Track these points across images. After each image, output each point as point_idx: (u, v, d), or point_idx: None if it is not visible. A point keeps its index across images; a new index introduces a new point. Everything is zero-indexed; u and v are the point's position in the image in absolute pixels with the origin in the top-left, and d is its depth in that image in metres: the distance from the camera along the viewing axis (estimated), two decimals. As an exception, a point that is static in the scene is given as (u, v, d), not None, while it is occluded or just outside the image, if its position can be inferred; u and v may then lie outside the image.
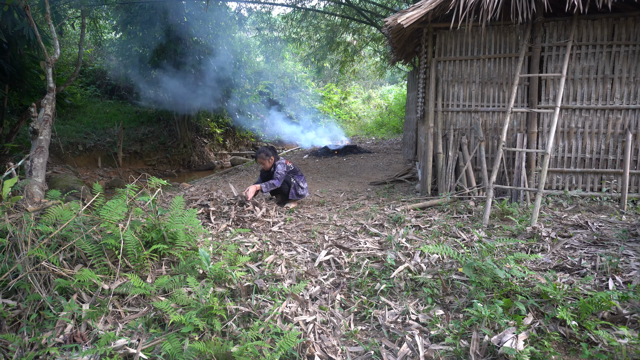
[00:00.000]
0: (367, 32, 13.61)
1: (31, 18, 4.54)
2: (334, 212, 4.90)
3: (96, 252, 2.64)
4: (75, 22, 11.65)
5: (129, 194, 3.05)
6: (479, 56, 5.20)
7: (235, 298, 2.50)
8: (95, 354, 1.91)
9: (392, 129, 16.93)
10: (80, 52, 6.73)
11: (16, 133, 8.07)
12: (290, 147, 14.74)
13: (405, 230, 3.82)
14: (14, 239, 2.45)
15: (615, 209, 4.56)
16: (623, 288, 2.53)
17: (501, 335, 1.99)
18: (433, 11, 4.81)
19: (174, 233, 2.94)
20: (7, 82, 7.06)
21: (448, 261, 3.05)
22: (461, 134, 5.37)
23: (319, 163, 10.07)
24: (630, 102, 4.89)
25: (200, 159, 12.40)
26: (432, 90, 5.33)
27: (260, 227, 4.15)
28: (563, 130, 5.08)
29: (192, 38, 10.71)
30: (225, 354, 1.91)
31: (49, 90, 4.43)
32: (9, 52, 6.72)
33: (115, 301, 2.38)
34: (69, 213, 2.74)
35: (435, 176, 5.49)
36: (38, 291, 2.25)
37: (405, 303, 2.50)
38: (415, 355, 2.01)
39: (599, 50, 4.89)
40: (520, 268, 2.62)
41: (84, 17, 7.06)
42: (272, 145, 5.31)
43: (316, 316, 2.35)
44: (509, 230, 3.84)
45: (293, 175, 5.21)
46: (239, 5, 12.44)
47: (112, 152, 10.79)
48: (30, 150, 4.08)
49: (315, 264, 3.12)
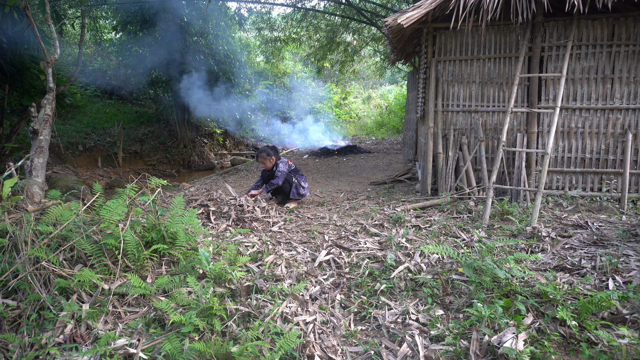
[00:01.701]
0: (367, 32, 13.61)
1: (31, 18, 4.54)
2: (334, 212, 4.90)
3: (96, 252, 2.64)
4: (75, 22, 11.64)
5: (129, 194, 3.05)
6: (479, 56, 5.20)
7: (235, 298, 2.50)
8: (95, 354, 1.91)
9: (392, 129, 16.93)
10: (80, 52, 6.72)
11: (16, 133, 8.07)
12: (290, 147, 14.74)
13: (405, 230, 3.82)
14: (14, 239, 2.45)
15: (615, 209, 4.56)
16: (623, 288, 2.53)
17: (501, 335, 1.99)
18: (433, 11, 4.81)
19: (174, 233, 2.94)
20: (7, 82, 7.06)
21: (448, 261, 3.05)
22: (461, 134, 5.37)
23: (319, 163, 10.07)
24: (630, 102, 4.89)
25: (200, 159, 12.40)
26: (432, 90, 5.33)
27: (260, 227, 4.15)
28: (563, 130, 5.08)
29: (192, 38, 10.71)
30: (225, 354, 1.91)
31: (49, 90, 4.43)
32: (9, 52, 6.72)
33: (115, 301, 2.38)
34: (69, 213, 2.74)
35: (435, 176, 5.49)
36: (38, 291, 2.25)
37: (405, 303, 2.50)
38: (415, 355, 2.01)
39: (599, 50, 4.89)
40: (520, 268, 2.62)
41: (84, 17, 7.05)
42: (273, 145, 5.30)
43: (316, 316, 2.35)
44: (509, 230, 3.84)
45: (294, 175, 5.21)
46: (239, 5, 12.45)
47: (112, 152, 10.79)
48: (30, 150, 4.08)
49: (315, 264, 3.12)
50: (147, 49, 10.48)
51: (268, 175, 5.29)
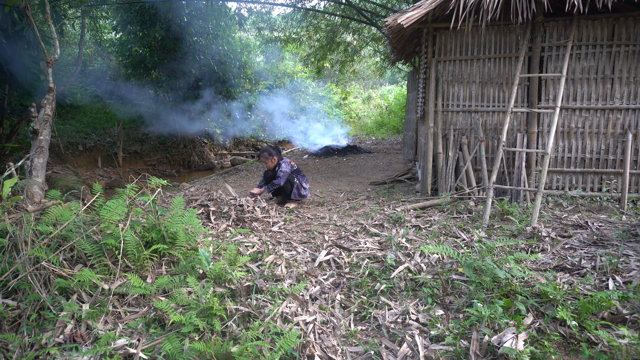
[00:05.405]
0: (367, 32, 13.61)
1: (31, 18, 4.54)
2: (334, 212, 4.90)
3: (96, 252, 2.64)
4: (75, 22, 11.64)
5: (129, 194, 3.05)
6: (479, 56, 5.20)
7: (235, 298, 2.50)
8: (95, 354, 1.91)
9: (392, 129, 16.93)
10: (80, 52, 6.73)
11: (16, 133, 8.08)
12: (290, 147, 14.74)
13: (405, 230, 3.82)
14: (14, 239, 2.45)
15: (615, 209, 4.56)
16: (623, 288, 2.53)
17: (501, 335, 1.99)
18: (433, 11, 4.81)
19: (174, 233, 2.94)
20: (7, 82, 7.06)
21: (448, 261, 3.05)
22: (461, 134, 5.37)
23: (319, 163, 10.07)
24: (630, 102, 4.89)
25: (200, 159, 12.39)
26: (432, 90, 5.33)
27: (260, 227, 4.15)
28: (563, 130, 5.08)
29: (192, 38, 10.71)
30: (225, 354, 1.91)
31: (49, 90, 4.43)
32: (9, 52, 6.72)
33: (115, 301, 2.38)
34: (69, 213, 2.74)
35: (435, 176, 5.49)
36: (38, 291, 2.25)
37: (405, 303, 2.50)
38: (415, 355, 2.01)
39: (599, 50, 4.89)
40: (520, 268, 2.62)
41: (84, 17, 7.06)
42: (275, 145, 5.30)
43: (316, 316, 2.35)
44: (509, 230, 3.84)
45: (296, 175, 5.20)
46: (239, 5, 12.44)
47: (112, 152, 10.78)
48: (30, 150, 4.08)
49: (315, 264, 3.12)
50: (147, 49, 10.48)
51: (270, 175, 5.28)
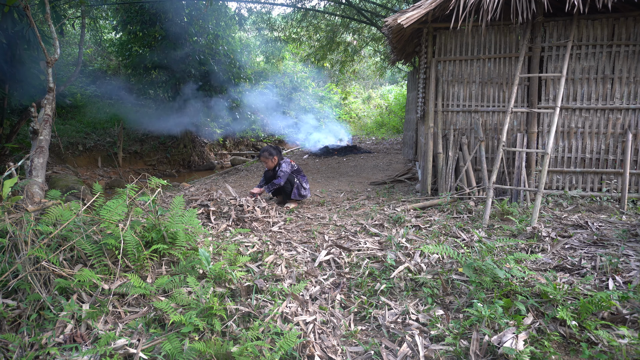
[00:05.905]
0: (367, 32, 13.61)
1: (31, 18, 4.54)
2: (334, 212, 4.90)
3: (96, 252, 2.64)
4: (75, 22, 11.64)
5: (129, 194, 3.05)
6: (479, 56, 5.20)
7: (235, 298, 2.50)
8: (95, 354, 1.90)
9: (392, 129, 16.92)
10: (80, 52, 6.73)
11: (16, 133, 8.08)
12: (290, 147, 14.74)
13: (405, 230, 3.82)
14: (14, 239, 2.45)
15: (615, 209, 4.56)
16: (623, 288, 2.53)
17: (501, 335, 1.99)
18: (433, 11, 4.81)
19: (174, 233, 2.94)
20: (7, 82, 7.06)
21: (448, 261, 3.05)
22: (461, 134, 5.37)
23: (319, 163, 10.07)
24: (630, 102, 4.89)
25: (200, 159, 12.39)
26: (432, 90, 5.33)
27: (260, 227, 4.15)
28: (563, 130, 5.08)
29: (192, 38, 10.71)
30: (225, 354, 1.91)
31: (49, 90, 4.43)
32: (9, 52, 6.72)
33: (115, 301, 2.38)
34: (69, 213, 2.74)
35: (435, 176, 5.49)
36: (38, 291, 2.25)
37: (405, 303, 2.50)
38: (415, 355, 2.01)
39: (599, 50, 4.89)
40: (520, 268, 2.62)
41: (84, 17, 7.06)
42: (275, 144, 5.31)
43: (316, 316, 2.35)
44: (509, 230, 3.84)
45: (297, 175, 5.20)
46: (239, 5, 12.44)
47: (112, 152, 10.78)
48: (30, 150, 4.08)
49: (315, 264, 3.12)
50: (147, 49, 10.48)
51: (271, 175, 5.28)
